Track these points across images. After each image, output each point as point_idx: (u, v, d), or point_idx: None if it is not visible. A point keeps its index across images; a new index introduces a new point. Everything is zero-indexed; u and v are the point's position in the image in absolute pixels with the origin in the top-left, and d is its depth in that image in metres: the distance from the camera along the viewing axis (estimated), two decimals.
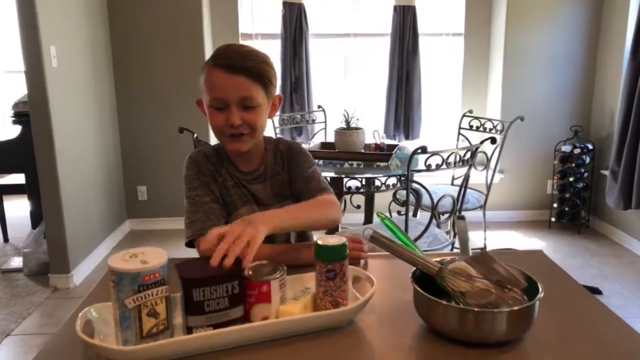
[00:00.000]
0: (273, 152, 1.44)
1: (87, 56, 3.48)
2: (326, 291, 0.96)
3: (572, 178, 3.91)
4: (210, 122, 1.31)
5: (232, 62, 1.24)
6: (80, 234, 3.27)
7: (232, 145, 1.32)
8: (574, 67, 4.04)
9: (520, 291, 0.96)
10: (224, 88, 1.24)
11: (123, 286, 0.83)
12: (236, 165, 1.40)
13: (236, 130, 1.27)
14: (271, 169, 1.42)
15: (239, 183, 1.40)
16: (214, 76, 1.25)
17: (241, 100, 1.25)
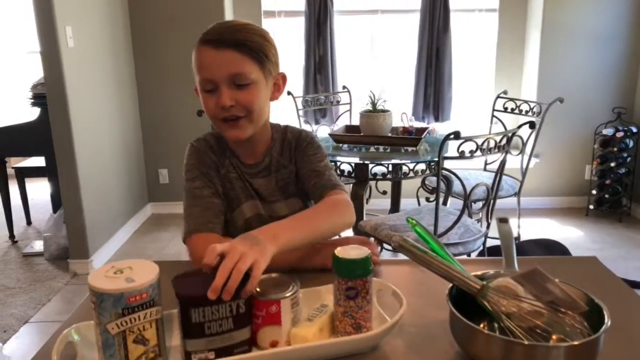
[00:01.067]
0: (280, 142, 1.29)
1: (105, 36, 3.37)
2: (346, 312, 0.82)
3: (614, 163, 3.67)
4: (204, 107, 1.16)
5: (220, 36, 1.10)
6: (100, 219, 3.21)
7: (229, 132, 1.16)
8: (617, 44, 3.76)
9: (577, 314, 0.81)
10: (212, 66, 1.10)
11: (104, 309, 0.70)
12: (238, 156, 1.26)
13: (229, 113, 1.12)
14: (276, 161, 1.27)
15: (241, 176, 1.26)
16: (201, 54, 1.12)
17: (232, 78, 1.10)
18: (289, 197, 1.28)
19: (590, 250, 3.26)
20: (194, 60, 1.14)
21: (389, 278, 0.94)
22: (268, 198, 1.27)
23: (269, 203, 1.27)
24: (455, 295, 0.84)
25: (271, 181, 1.27)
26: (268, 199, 1.27)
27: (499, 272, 0.88)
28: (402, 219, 2.45)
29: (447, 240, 2.25)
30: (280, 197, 1.27)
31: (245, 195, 1.26)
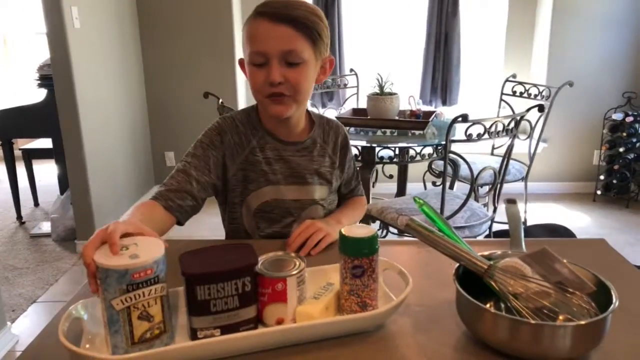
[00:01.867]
0: (321, 128, 1.29)
1: (112, 17, 3.35)
2: (352, 290, 0.82)
3: (622, 148, 3.63)
4: (250, 81, 1.14)
5: (277, 10, 1.08)
6: (106, 200, 3.22)
7: (273, 108, 1.14)
8: (629, 27, 3.70)
9: (585, 295, 0.80)
10: (265, 39, 1.08)
11: (109, 285, 0.70)
12: (274, 133, 1.23)
13: (276, 89, 1.10)
14: (321, 147, 1.28)
15: (274, 156, 1.23)
16: (255, 27, 1.10)
17: (284, 55, 1.08)
18: (322, 184, 1.29)
19: (597, 235, 3.25)
20: (246, 31, 1.12)
21: (395, 258, 0.93)
22: (304, 179, 1.26)
23: (301, 185, 1.25)
24: (462, 275, 0.83)
25: (312, 163, 1.26)
26: (304, 180, 1.26)
27: (506, 253, 0.87)
28: (408, 202, 2.44)
29: (453, 223, 2.24)
30: (316, 180, 1.27)
31: (266, 180, 1.23)
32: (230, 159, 1.21)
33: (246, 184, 1.23)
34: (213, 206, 1.36)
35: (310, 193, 1.26)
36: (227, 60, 3.77)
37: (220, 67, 3.78)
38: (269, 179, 1.23)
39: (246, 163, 1.22)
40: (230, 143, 1.21)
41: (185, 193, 1.15)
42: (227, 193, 1.26)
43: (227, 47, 3.75)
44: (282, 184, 1.24)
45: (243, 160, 1.22)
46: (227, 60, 3.77)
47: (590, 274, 0.81)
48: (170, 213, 1.13)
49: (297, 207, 1.26)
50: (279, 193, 1.24)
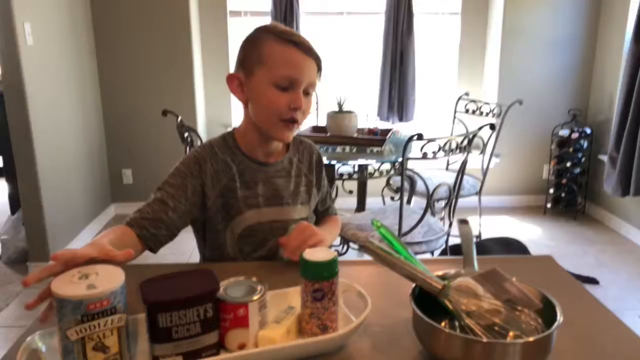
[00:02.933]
0: (296, 147, 1.33)
1: (67, 34, 3.29)
2: (312, 313, 0.84)
3: (569, 163, 3.81)
4: (267, 102, 1.16)
5: (306, 44, 1.17)
6: (61, 220, 3.14)
7: (283, 132, 1.20)
8: (573, 49, 3.91)
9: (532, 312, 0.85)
10: (300, 68, 1.15)
11: (64, 315, 0.70)
12: (251, 156, 1.25)
13: (294, 115, 1.17)
14: (297, 167, 1.31)
15: (253, 179, 1.25)
16: (290, 53, 1.15)
17: (307, 85, 1.18)
18: (302, 204, 1.31)
19: (547, 247, 3.38)
20: (270, 53, 1.14)
21: (355, 278, 0.96)
22: (285, 200, 1.28)
23: (281, 206, 1.27)
24: (419, 295, 0.87)
25: (290, 184, 1.29)
26: (285, 201, 1.28)
27: (459, 272, 0.92)
28: (367, 218, 2.49)
29: (411, 239, 2.30)
30: (296, 201, 1.30)
31: (246, 205, 1.24)
32: (209, 187, 1.21)
33: (228, 209, 1.24)
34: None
35: (291, 213, 1.29)
36: (185, 77, 3.76)
37: (179, 84, 3.76)
38: (250, 203, 1.24)
39: (226, 189, 1.23)
40: (210, 171, 1.22)
41: (160, 222, 1.15)
42: (207, 221, 1.25)
43: (185, 64, 3.74)
44: (263, 207, 1.25)
45: (223, 187, 1.23)
46: (185, 77, 3.76)
47: (537, 291, 0.86)
48: (143, 241, 1.13)
49: (279, 227, 1.28)
50: (260, 216, 1.25)
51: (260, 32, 1.18)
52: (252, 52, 1.17)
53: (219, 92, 4.05)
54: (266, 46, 1.15)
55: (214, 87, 4.04)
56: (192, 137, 2.44)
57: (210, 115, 4.09)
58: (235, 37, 4.02)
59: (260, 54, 1.15)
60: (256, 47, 1.16)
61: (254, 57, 1.16)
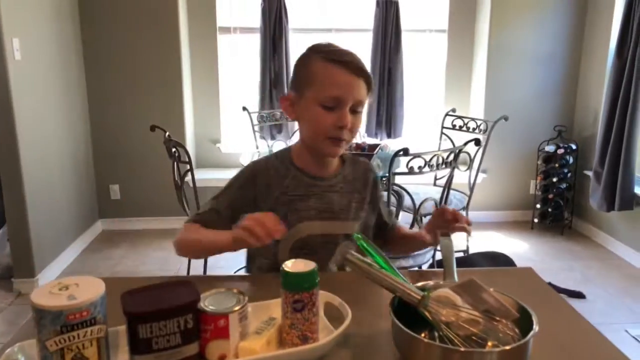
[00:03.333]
0: (351, 165, 1.35)
1: (55, 49, 3.30)
2: (293, 324, 0.85)
3: (555, 178, 3.85)
4: (314, 121, 1.20)
5: (354, 64, 1.19)
6: (47, 236, 3.11)
7: (330, 148, 1.23)
8: (558, 66, 3.98)
9: (510, 322, 0.86)
10: (346, 88, 1.17)
11: (44, 326, 0.70)
12: (306, 170, 1.29)
13: (340, 134, 1.19)
14: (351, 184, 1.32)
15: (307, 193, 1.27)
16: (334, 73, 1.18)
17: (355, 104, 1.19)
18: (354, 220, 1.31)
19: (534, 262, 3.40)
20: (316, 74, 1.19)
21: (335, 289, 0.97)
22: (339, 215, 1.29)
23: (334, 220, 1.28)
24: (399, 306, 0.88)
25: (342, 199, 1.30)
26: (339, 215, 1.29)
27: (438, 283, 0.93)
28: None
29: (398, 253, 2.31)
30: (347, 216, 1.30)
31: (300, 216, 1.26)
32: (261, 199, 1.26)
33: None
34: (160, 240, 1.37)
35: (342, 228, 1.29)
36: (174, 93, 3.78)
37: (167, 100, 3.78)
38: (303, 216, 1.26)
39: (278, 202, 1.26)
40: (263, 184, 1.27)
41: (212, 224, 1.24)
42: None
43: (175, 79, 3.76)
44: (315, 220, 1.27)
45: (275, 200, 1.26)
46: (174, 93, 3.78)
47: (514, 301, 0.87)
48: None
49: (330, 241, 1.29)
50: (312, 229, 1.27)
51: (310, 51, 1.23)
52: (301, 72, 1.23)
53: (208, 108, 4.07)
54: (313, 66, 1.20)
55: (203, 103, 4.06)
56: (180, 152, 2.45)
57: (199, 131, 4.10)
58: (225, 53, 4.06)
59: (308, 74, 1.20)
60: (305, 67, 1.22)
61: (302, 78, 1.22)
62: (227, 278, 1.20)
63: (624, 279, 3.17)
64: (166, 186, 3.38)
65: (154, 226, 3.91)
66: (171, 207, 3.65)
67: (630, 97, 3.21)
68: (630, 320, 2.69)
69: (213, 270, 3.03)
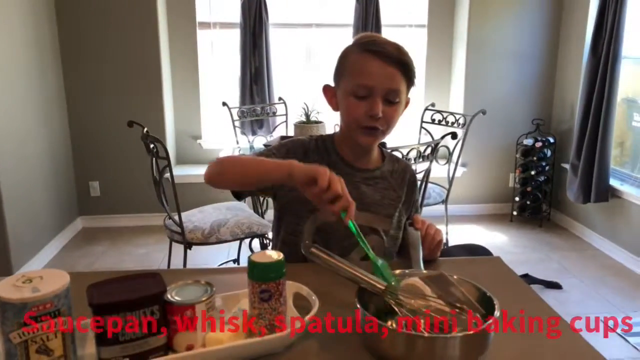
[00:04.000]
0: (391, 163, 1.35)
1: (32, 47, 3.26)
2: (260, 314, 0.86)
3: (534, 171, 3.91)
4: (347, 110, 1.21)
5: (388, 52, 1.18)
6: (24, 233, 3.08)
7: (364, 138, 1.22)
8: (535, 61, 4.03)
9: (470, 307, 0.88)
10: (375, 76, 1.17)
11: (7, 318, 0.70)
12: (346, 159, 1.29)
13: (373, 123, 1.19)
14: (387, 180, 1.32)
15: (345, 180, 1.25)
16: (366, 62, 1.18)
17: (387, 93, 1.18)
18: (387, 216, 1.30)
19: (513, 254, 3.45)
20: (350, 64, 1.20)
21: (305, 280, 0.98)
22: (369, 207, 1.28)
23: (365, 211, 1.26)
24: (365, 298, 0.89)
25: (377, 193, 1.30)
26: (369, 208, 1.27)
27: (404, 272, 0.94)
28: None
29: None
30: (379, 210, 1.29)
31: None
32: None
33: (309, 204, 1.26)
34: (141, 237, 1.36)
35: (371, 221, 1.28)
36: (154, 89, 3.75)
37: (147, 96, 3.75)
38: None
39: None
40: (310, 161, 1.24)
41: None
42: (289, 204, 1.29)
43: (154, 75, 3.73)
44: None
45: None
46: (154, 89, 3.75)
47: (475, 288, 0.89)
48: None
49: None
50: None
51: (351, 44, 1.24)
52: (340, 63, 1.24)
53: (189, 104, 4.05)
54: (350, 57, 1.22)
55: (184, 99, 4.04)
56: (158, 148, 2.43)
57: (179, 127, 4.08)
58: (205, 48, 4.04)
59: (345, 65, 1.22)
60: (344, 58, 1.23)
61: (341, 69, 1.23)
62: (199, 271, 1.20)
63: (600, 269, 3.23)
64: (147, 182, 3.36)
65: (135, 223, 3.88)
66: (152, 203, 3.63)
67: (605, 92, 3.27)
68: (605, 310, 2.74)
69: (194, 267, 3.03)
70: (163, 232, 2.77)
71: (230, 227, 2.54)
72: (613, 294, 2.91)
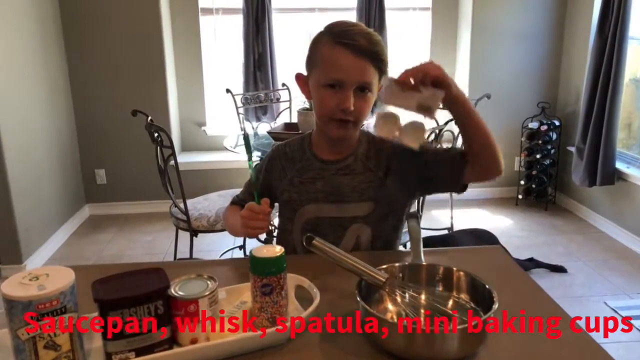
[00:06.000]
0: (366, 145, 1.31)
1: (35, 34, 3.26)
2: (262, 307, 0.87)
3: (539, 155, 3.89)
4: (319, 102, 1.22)
5: (359, 44, 1.15)
6: (33, 222, 3.12)
7: (335, 130, 1.23)
8: (541, 43, 3.98)
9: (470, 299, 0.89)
10: (346, 69, 1.16)
11: (14, 315, 0.73)
12: (317, 154, 1.32)
13: (344, 115, 1.19)
14: (362, 163, 1.29)
15: (315, 176, 1.30)
16: (337, 55, 1.16)
17: (359, 85, 1.17)
18: (364, 200, 1.28)
19: (518, 237, 3.46)
20: (324, 56, 1.18)
21: (306, 272, 0.99)
22: (344, 197, 1.27)
23: (341, 202, 1.27)
24: (366, 289, 0.90)
25: (352, 181, 1.28)
26: (343, 198, 1.27)
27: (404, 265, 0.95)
28: None
29: None
30: (356, 198, 1.28)
31: (307, 198, 1.29)
32: (277, 181, 1.35)
33: (291, 202, 1.32)
34: (147, 224, 1.39)
35: (351, 210, 1.28)
36: (157, 76, 3.75)
37: (150, 83, 3.75)
38: (309, 198, 1.29)
39: (290, 184, 1.32)
40: (277, 169, 1.35)
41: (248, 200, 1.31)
42: (279, 209, 1.39)
43: (157, 63, 3.73)
44: (321, 202, 1.29)
45: (288, 182, 1.32)
46: (157, 76, 3.75)
47: (476, 280, 0.90)
48: None
49: (338, 224, 1.29)
50: (320, 211, 1.29)
51: (321, 32, 1.22)
52: (311, 52, 1.23)
53: (192, 91, 4.04)
54: (321, 47, 1.20)
55: (187, 86, 4.04)
56: (162, 136, 2.44)
57: (184, 114, 4.09)
58: (207, 34, 4.02)
59: (316, 55, 1.21)
60: (314, 48, 1.22)
61: (312, 58, 1.22)
62: (203, 263, 1.21)
63: (605, 252, 3.23)
64: (152, 170, 3.37)
65: (141, 210, 3.91)
66: (158, 190, 3.65)
67: (611, 74, 3.24)
68: (610, 292, 2.75)
69: (200, 254, 3.07)
70: (169, 218, 2.80)
71: None
72: (618, 277, 2.92)
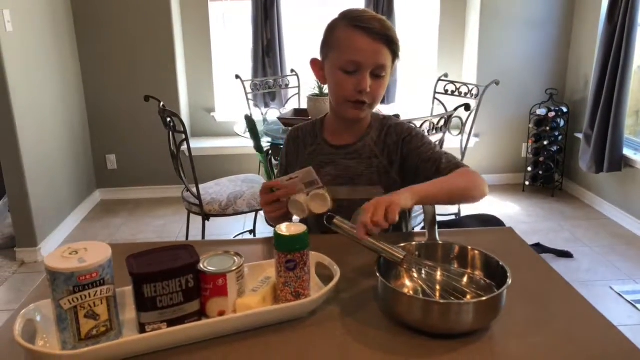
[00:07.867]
0: (378, 130, 1.35)
1: (47, 20, 3.29)
2: (286, 282, 0.92)
3: (547, 141, 3.91)
4: (335, 84, 1.26)
5: (376, 28, 1.20)
6: (47, 206, 3.17)
7: (351, 112, 1.27)
8: (550, 29, 3.98)
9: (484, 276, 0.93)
10: (364, 53, 1.20)
11: (57, 286, 0.77)
12: (328, 140, 1.37)
13: (361, 97, 1.23)
14: (370, 149, 1.33)
15: (325, 160, 1.35)
16: (355, 38, 1.20)
17: (375, 68, 1.22)
18: (373, 184, 1.32)
19: (525, 223, 3.50)
20: (341, 39, 1.22)
21: (327, 250, 1.03)
22: (352, 180, 1.33)
23: (352, 185, 1.32)
24: (385, 266, 0.95)
25: (360, 166, 1.33)
26: (352, 181, 1.33)
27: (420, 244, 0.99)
28: None
29: None
30: (365, 182, 1.32)
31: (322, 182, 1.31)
32: (292, 164, 1.42)
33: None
34: (158, 208, 1.43)
35: (358, 194, 1.32)
36: (167, 62, 3.78)
37: (161, 69, 3.78)
38: (326, 180, 1.31)
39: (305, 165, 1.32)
40: (292, 152, 1.42)
41: None
42: None
43: (167, 49, 3.76)
44: (330, 186, 1.29)
45: (300, 167, 1.31)
46: (167, 62, 3.78)
47: (490, 258, 0.94)
48: None
49: (347, 206, 1.26)
50: (331, 193, 1.28)
51: (338, 17, 1.26)
52: (328, 37, 1.26)
53: (202, 77, 4.07)
54: (338, 31, 1.24)
55: (197, 72, 4.06)
56: (175, 122, 2.48)
57: (193, 100, 4.12)
58: (217, 21, 4.04)
59: (333, 39, 1.25)
60: (331, 32, 1.25)
61: (328, 42, 1.26)
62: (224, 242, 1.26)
63: (611, 238, 3.26)
64: (162, 155, 3.43)
65: (151, 195, 3.97)
66: (168, 175, 3.71)
67: (620, 61, 3.24)
68: (615, 277, 2.79)
69: (211, 238, 3.11)
70: (179, 203, 2.84)
71: (247, 199, 2.61)
72: (623, 262, 2.95)
